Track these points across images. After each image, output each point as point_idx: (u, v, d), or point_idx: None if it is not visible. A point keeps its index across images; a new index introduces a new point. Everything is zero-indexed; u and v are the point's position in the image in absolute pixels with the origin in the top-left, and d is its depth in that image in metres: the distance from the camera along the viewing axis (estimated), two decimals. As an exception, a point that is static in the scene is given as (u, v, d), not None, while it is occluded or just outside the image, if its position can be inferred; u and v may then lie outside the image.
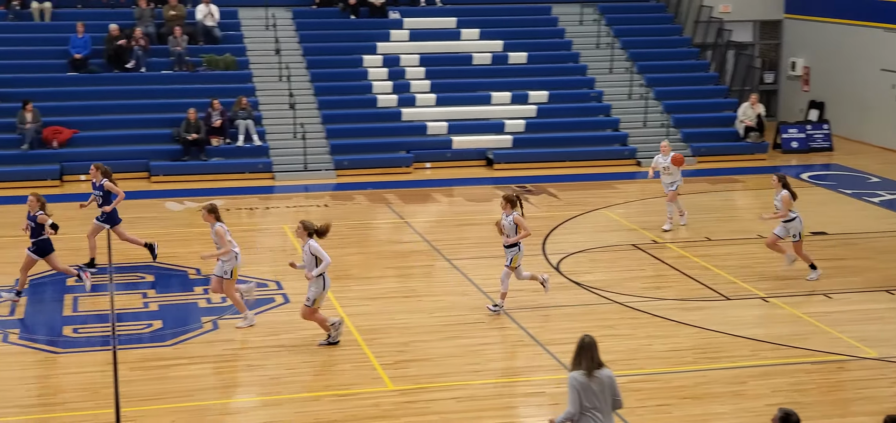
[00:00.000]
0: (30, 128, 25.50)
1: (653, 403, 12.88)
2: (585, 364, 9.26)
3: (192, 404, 12.86)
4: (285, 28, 30.76)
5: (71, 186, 24.80)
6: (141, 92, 27.88)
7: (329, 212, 22.90)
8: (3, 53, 28.06)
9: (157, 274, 18.05)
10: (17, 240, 20.16)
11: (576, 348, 9.33)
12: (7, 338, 14.97)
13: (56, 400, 12.96)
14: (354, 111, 28.63)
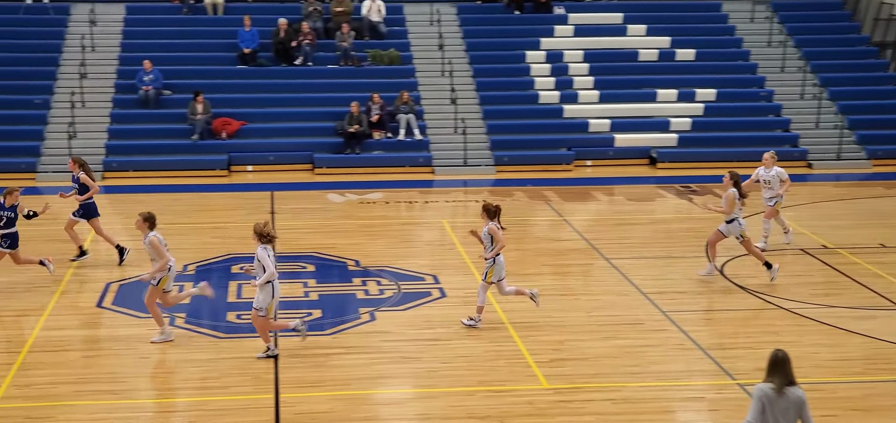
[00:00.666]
0: (200, 119, 26.26)
1: (817, 414, 12.28)
2: (777, 380, 8.87)
3: (348, 392, 12.94)
4: (449, 24, 30.87)
5: (238, 177, 25.43)
6: (306, 86, 28.40)
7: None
8: (176, 46, 29.00)
9: (318, 265, 18.29)
10: (190, 227, 20.81)
11: (769, 361, 8.97)
12: (174, 322, 15.36)
13: (218, 383, 13.21)
14: (516, 107, 28.50)
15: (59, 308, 15.85)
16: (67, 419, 12.15)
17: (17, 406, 12.49)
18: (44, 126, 26.35)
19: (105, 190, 24.09)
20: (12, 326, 15.09)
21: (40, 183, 24.52)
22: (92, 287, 16.73)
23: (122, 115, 26.97)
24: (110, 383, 13.21)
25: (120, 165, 25.40)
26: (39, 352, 14.15)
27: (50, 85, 27.49)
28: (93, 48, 28.63)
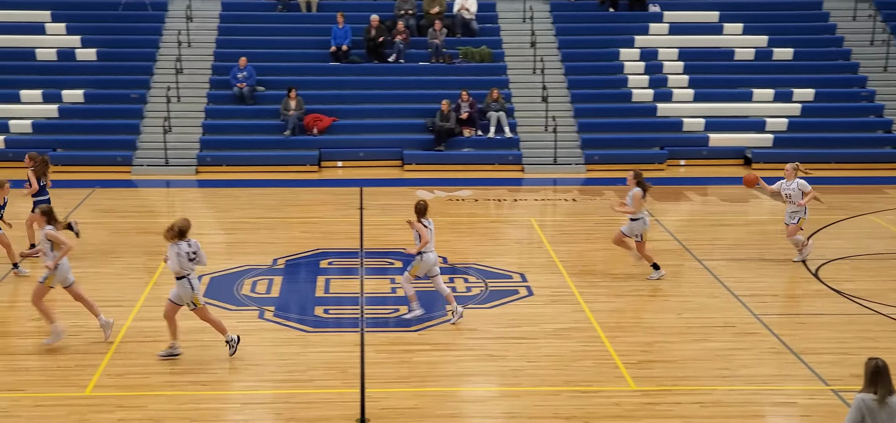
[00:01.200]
0: (293, 115, 26.50)
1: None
2: (880, 390, 8.60)
3: (434, 389, 12.91)
4: (542, 21, 30.70)
5: (328, 173, 25.59)
6: (398, 82, 28.48)
7: (576, 207, 22.63)
8: (270, 43, 29.32)
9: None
10: (280, 221, 21.02)
11: (869, 370, 8.71)
12: (263, 315, 15.50)
13: (305, 377, 13.28)
14: (608, 106, 28.21)
15: (151, 300, 16.09)
16: (158, 409, 12.33)
17: (109, 395, 12.71)
18: (140, 120, 26.84)
19: (199, 184, 24.49)
20: (106, 316, 15.33)
21: (135, 176, 24.99)
22: (184, 279, 16.94)
23: (217, 110, 27.35)
24: (200, 373, 13.38)
25: (213, 160, 25.76)
26: (132, 342, 14.39)
27: (147, 80, 28.01)
28: (189, 44, 29.09)
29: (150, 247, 18.71)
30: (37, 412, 12.27)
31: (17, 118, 26.46)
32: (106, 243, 19.18)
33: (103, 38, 29.09)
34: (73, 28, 29.14)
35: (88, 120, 26.76)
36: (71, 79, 27.76)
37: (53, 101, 27.07)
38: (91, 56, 28.53)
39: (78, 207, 21.77)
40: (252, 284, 16.87)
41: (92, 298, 14.55)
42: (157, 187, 23.99)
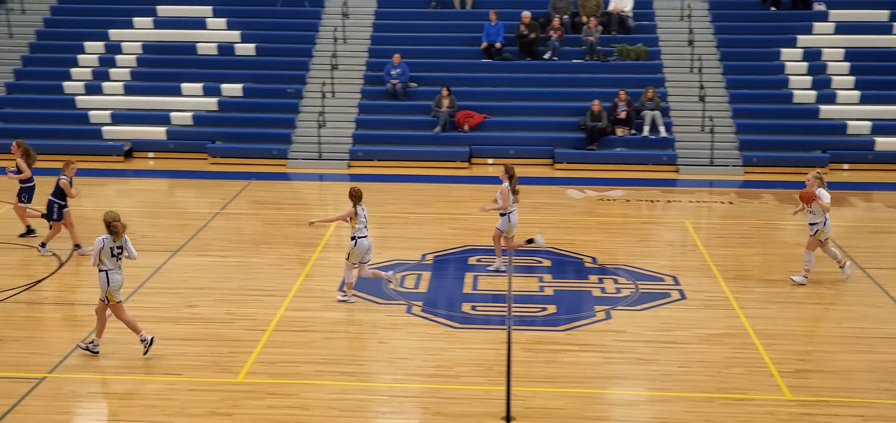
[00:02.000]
0: (444, 111, 26.57)
1: None
2: None
3: (581, 390, 12.69)
4: (701, 19, 30.03)
5: (478, 169, 25.55)
6: (550, 80, 28.26)
7: (733, 210, 22.01)
8: (424, 40, 29.46)
9: (555, 260, 18.09)
10: (430, 217, 21.05)
11: None
12: (411, 309, 15.54)
13: (451, 373, 13.24)
14: (768, 106, 27.38)
15: (303, 291, 16.32)
16: (308, 398, 12.47)
17: (261, 382, 12.92)
18: (295, 115, 27.33)
19: (351, 178, 24.76)
20: (258, 305, 15.64)
21: (290, 169, 25.43)
22: (334, 272, 17.14)
23: (370, 106, 27.63)
24: (348, 365, 13.48)
25: (365, 155, 26.03)
26: (284, 331, 14.61)
27: (303, 75, 28.50)
28: (344, 40, 29.48)
29: (303, 239, 18.99)
30: (191, 395, 12.55)
31: (179, 111, 27.26)
32: (260, 234, 19.55)
33: (262, 33, 29.73)
34: (233, 24, 29.88)
35: (246, 113, 27.40)
36: (230, 73, 28.45)
37: (213, 94, 27.80)
38: (250, 51, 29.20)
39: (234, 198, 22.27)
40: (401, 278, 16.93)
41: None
42: (310, 181, 24.35)
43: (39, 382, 12.92)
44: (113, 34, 29.43)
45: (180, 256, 18.01)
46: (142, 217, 20.89)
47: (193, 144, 26.48)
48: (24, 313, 15.51)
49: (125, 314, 13.81)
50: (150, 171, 25.04)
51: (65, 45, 29.34)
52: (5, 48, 29.39)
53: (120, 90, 27.85)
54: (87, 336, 13.93)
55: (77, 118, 27.00)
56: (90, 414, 12.29)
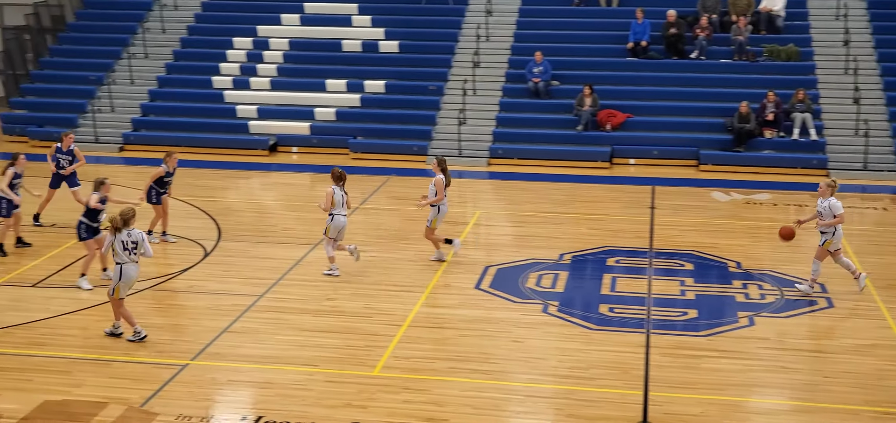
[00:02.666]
0: (586, 110, 26.27)
1: None
2: None
3: (721, 397, 12.33)
4: (857, 19, 28.94)
5: (619, 170, 25.18)
6: (696, 80, 27.66)
7: (887, 216, 21.15)
8: (567, 38, 29.20)
9: (697, 264, 17.67)
10: (568, 217, 20.84)
11: None
12: (547, 309, 15.38)
13: (586, 374, 13.05)
14: (926, 110, 26.24)
15: (440, 287, 16.33)
16: (442, 394, 12.45)
17: (396, 376, 12.97)
18: (436, 112, 27.42)
19: (490, 175, 24.70)
20: (395, 300, 15.71)
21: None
22: (471, 269, 17.10)
23: (511, 104, 27.52)
24: (483, 363, 13.41)
25: (505, 153, 25.93)
26: (420, 327, 14.64)
27: (445, 72, 28.57)
28: (487, 38, 29.44)
29: (441, 235, 18.97)
30: (328, 387, 12.67)
31: (322, 106, 27.65)
32: (399, 230, 19.66)
33: (406, 31, 29.93)
34: (377, 21, 30.17)
35: (388, 110, 27.62)
36: (373, 70, 28.73)
37: (356, 90, 28.11)
38: (393, 48, 29.43)
39: (374, 193, 22.46)
40: (537, 277, 16.78)
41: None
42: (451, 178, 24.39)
43: (182, 368, 13.23)
44: (261, 31, 30.05)
45: (320, 249, 18.22)
46: (284, 210, 21.26)
47: (335, 140, 26.83)
48: (169, 301, 15.93)
49: (124, 310, 14.04)
50: (293, 165, 25.47)
51: (214, 40, 30.09)
52: (158, 43, 30.30)
53: (266, 86, 28.42)
54: (115, 326, 14.22)
55: (224, 113, 27.65)
56: (229, 401, 12.52)
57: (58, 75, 29.78)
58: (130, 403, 12.21)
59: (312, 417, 11.87)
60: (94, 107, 27.84)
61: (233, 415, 12.03)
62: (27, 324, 14.59)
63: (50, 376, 12.98)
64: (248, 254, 17.98)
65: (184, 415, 11.90)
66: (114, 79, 28.92)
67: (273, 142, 26.87)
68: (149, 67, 29.49)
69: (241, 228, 19.61)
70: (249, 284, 16.43)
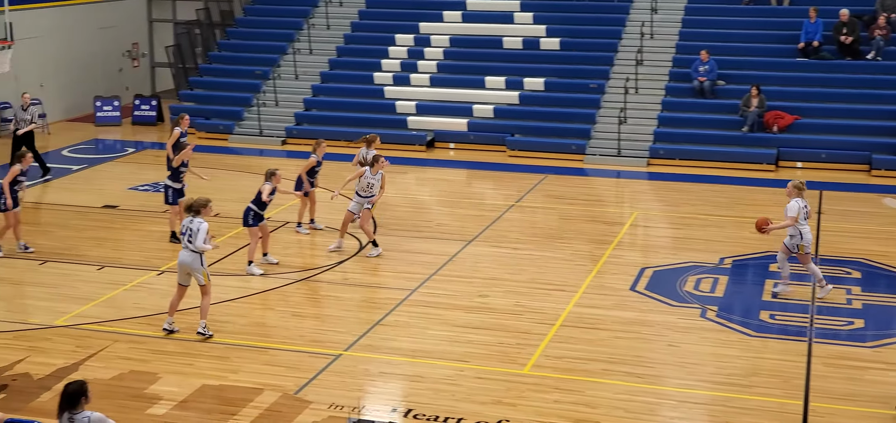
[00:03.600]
0: (753, 111, 25.50)
1: None
2: None
3: (885, 411, 11.76)
4: None
5: (785, 173, 24.29)
6: (871, 81, 26.49)
7: None
8: (735, 36, 28.41)
9: (866, 272, 16.91)
10: (730, 220, 20.28)
11: None
12: (705, 314, 14.98)
13: (745, 382, 12.65)
14: None
15: (594, 287, 16.08)
16: (593, 395, 12.28)
17: (546, 376, 12.84)
18: (596, 110, 27.05)
19: (649, 176, 24.23)
20: (547, 299, 15.54)
21: (588, 165, 25.17)
22: (627, 270, 16.78)
23: (674, 103, 26.94)
24: (636, 366, 13.16)
25: (666, 153, 25.38)
26: (572, 327, 14.45)
27: (606, 70, 28.18)
28: (651, 36, 28.91)
29: (596, 235, 18.75)
30: (478, 383, 12.62)
31: (480, 103, 27.62)
32: (554, 229, 19.45)
33: (567, 28, 29.64)
34: (539, 18, 29.97)
35: (547, 108, 27.38)
36: (533, 67, 28.55)
37: (515, 88, 27.99)
38: (554, 45, 29.19)
39: (530, 191, 22.30)
40: (696, 281, 16.35)
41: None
42: (607, 177, 24.02)
43: (335, 358, 13.38)
44: (423, 27, 30.23)
45: (474, 245, 18.20)
46: (439, 206, 21.32)
47: (493, 137, 26.76)
48: (324, 293, 16.15)
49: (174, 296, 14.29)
50: (450, 161, 25.53)
51: (377, 37, 30.42)
52: (322, 39, 30.83)
53: (426, 82, 28.58)
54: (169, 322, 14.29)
55: (384, 108, 27.93)
56: (380, 393, 12.60)
57: (225, 69, 30.65)
58: (285, 390, 12.42)
59: (462, 413, 11.83)
60: (259, 101, 28.54)
61: (383, 407, 12.10)
62: (188, 310, 14.99)
63: (209, 361, 13.32)
64: (402, 248, 18.09)
65: (336, 404, 12.02)
66: (279, 74, 29.58)
67: (431, 138, 27.00)
68: (312, 63, 30.04)
69: (397, 222, 19.75)
70: (402, 278, 16.52)
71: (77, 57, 30.74)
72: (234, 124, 28.08)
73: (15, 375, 12.83)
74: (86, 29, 30.97)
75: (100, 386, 11.96)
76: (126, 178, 22.96)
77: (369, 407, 12.09)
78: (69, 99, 30.43)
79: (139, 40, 33.63)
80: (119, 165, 24.68)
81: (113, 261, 17.29)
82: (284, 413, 11.87)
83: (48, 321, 14.62)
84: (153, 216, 19.88)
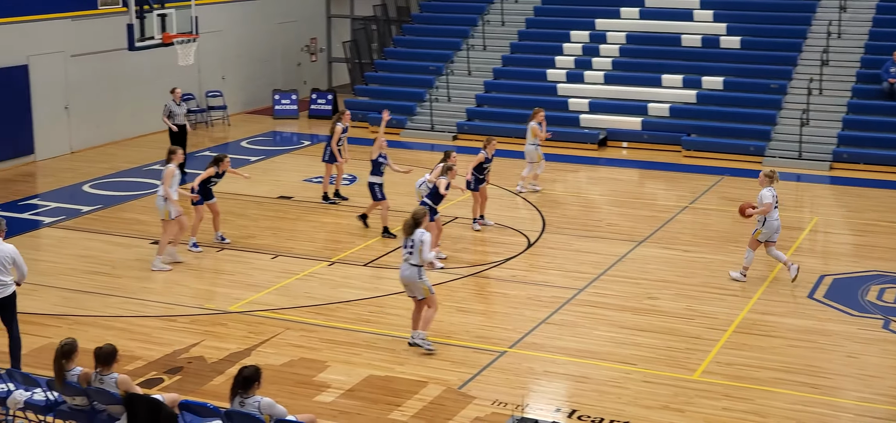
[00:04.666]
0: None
1: None
2: None
3: None
4: None
5: (982, 180, 23.05)
6: None
7: None
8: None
9: None
10: None
11: None
12: (888, 325, 14.29)
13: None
14: None
15: (769, 293, 15.55)
16: (765, 405, 11.91)
17: (716, 382, 12.51)
18: (777, 111, 26.15)
19: (831, 180, 23.32)
20: (720, 303, 15.11)
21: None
22: (805, 277, 16.13)
23: (861, 105, 25.81)
24: (812, 376, 12.70)
25: (850, 157, 24.33)
26: (745, 333, 14.04)
27: (789, 70, 27.22)
28: (838, 35, 27.79)
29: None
30: (645, 387, 12.38)
31: (656, 102, 27.10)
32: (728, 232, 18.86)
33: (749, 27, 28.77)
34: (720, 16, 29.19)
35: (725, 107, 26.65)
36: (712, 66, 27.82)
37: (692, 86, 27.35)
38: (735, 44, 28.38)
39: (704, 193, 21.75)
40: (879, 291, 15.61)
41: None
42: (787, 181, 23.11)
43: (500, 355, 13.33)
44: (599, 24, 29.86)
45: (644, 247, 17.85)
46: (610, 206, 21.00)
47: (667, 136, 26.22)
48: (491, 289, 16.11)
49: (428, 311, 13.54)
50: (622, 160, 25.13)
51: (552, 33, 30.21)
52: (496, 36, 30.82)
53: (600, 80, 28.22)
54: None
55: (556, 105, 27.67)
56: (545, 392, 12.48)
57: (400, 65, 30.99)
58: (449, 385, 12.44)
59: (627, 416, 11.61)
60: (431, 96, 28.75)
61: (547, 406, 11.97)
62: (358, 301, 15.19)
63: (375, 352, 13.45)
64: (570, 247, 17.89)
65: (499, 401, 11.97)
66: (452, 69, 29.73)
67: (603, 136, 26.65)
68: (486, 59, 30.07)
69: (566, 221, 19.56)
70: (570, 277, 16.33)
71: (257, 51, 31.63)
72: (407, 119, 28.37)
73: (190, 358, 13.24)
74: (266, 24, 31.82)
75: (270, 372, 12.21)
76: (301, 169, 23.48)
77: (533, 406, 11.98)
78: (249, 92, 31.32)
79: (317, 35, 34.37)
80: (295, 157, 25.28)
81: (286, 250, 17.68)
82: (448, 407, 11.88)
83: (223, 307, 15.05)
84: (326, 208, 20.26)
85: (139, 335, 13.95)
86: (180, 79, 26.09)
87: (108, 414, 10.23)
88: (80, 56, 25.00)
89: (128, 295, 15.51)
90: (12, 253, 12.28)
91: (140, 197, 20.99)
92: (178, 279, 16.29)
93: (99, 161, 24.14)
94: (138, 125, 26.96)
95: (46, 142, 24.52)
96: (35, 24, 24.06)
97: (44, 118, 24.43)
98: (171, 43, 22.87)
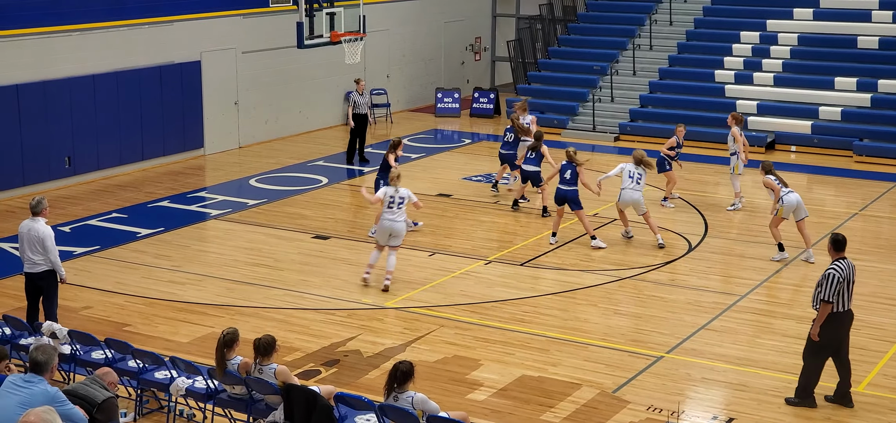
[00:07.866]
0: None
1: None
2: None
3: None
4: None
5: None
6: None
7: None
8: None
9: None
10: None
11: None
12: None
13: None
14: None
15: (944, 306, 14.85)
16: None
17: (882, 395, 12.12)
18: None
19: None
20: (890, 314, 14.50)
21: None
22: (984, 290, 15.36)
23: None
24: None
25: None
26: (919, 348, 13.45)
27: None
28: None
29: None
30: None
31: (828, 105, 26.18)
32: None
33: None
34: (899, 16, 28.05)
35: (901, 112, 25.62)
36: (890, 68, 26.72)
37: (867, 90, 26.31)
38: (914, 46, 27.24)
39: (876, 199, 20.90)
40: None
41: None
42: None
43: (657, 360, 13.11)
44: (770, 24, 29.02)
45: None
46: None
47: (838, 141, 25.30)
48: (650, 292, 15.84)
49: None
50: (791, 164, 24.34)
51: (720, 33, 29.53)
52: (664, 35, 30.31)
53: (769, 81, 27.43)
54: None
55: (724, 107, 26.98)
56: (701, 399, 12.21)
57: (564, 64, 30.81)
58: (603, 388, 12.30)
59: (786, 427, 11.27)
60: (594, 96, 28.48)
61: (704, 414, 11.72)
62: (514, 300, 15.18)
63: (529, 352, 13.40)
64: (733, 252, 17.48)
65: (654, 406, 11.77)
66: (617, 69, 29.39)
67: (771, 139, 25.90)
68: (652, 59, 29.63)
69: (730, 225, 19.11)
70: (732, 283, 15.96)
71: (421, 49, 31.95)
72: (568, 119, 28.19)
73: (347, 351, 13.46)
74: (432, 23, 32.12)
75: (424, 368, 12.31)
76: (461, 168, 23.61)
77: (688, 412, 11.73)
78: (412, 90, 31.68)
79: (482, 35, 34.51)
80: (455, 155, 25.43)
81: (443, 248, 17.79)
82: (601, 410, 11.74)
83: (380, 303, 15.25)
84: (484, 206, 20.31)
85: (298, 327, 14.27)
86: (347, 77, 26.61)
87: (265, 404, 10.48)
88: (251, 53, 25.73)
89: (288, 288, 15.89)
90: (43, 235, 12.77)
91: (303, 192, 21.48)
92: (337, 273, 16.59)
93: (265, 156, 24.80)
94: (304, 122, 27.62)
95: (216, 136, 25.30)
96: (209, 20, 24.87)
97: (214, 113, 25.23)
98: (338, 41, 23.29)
